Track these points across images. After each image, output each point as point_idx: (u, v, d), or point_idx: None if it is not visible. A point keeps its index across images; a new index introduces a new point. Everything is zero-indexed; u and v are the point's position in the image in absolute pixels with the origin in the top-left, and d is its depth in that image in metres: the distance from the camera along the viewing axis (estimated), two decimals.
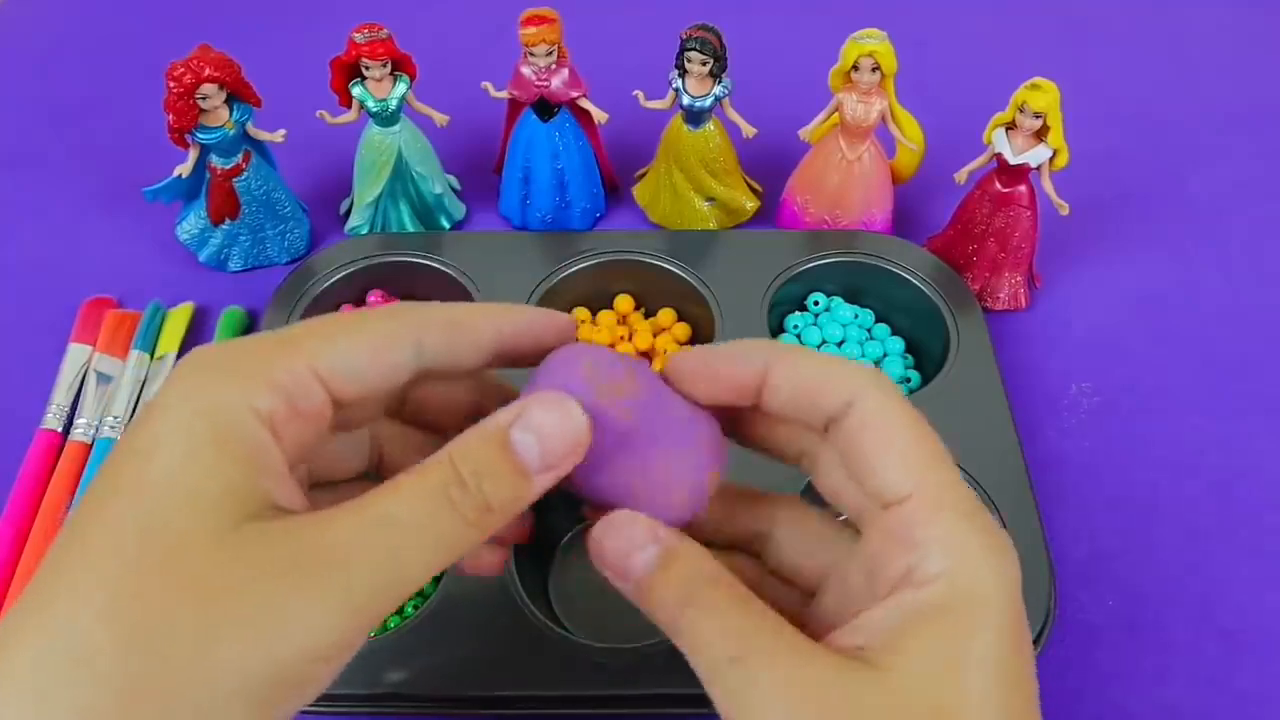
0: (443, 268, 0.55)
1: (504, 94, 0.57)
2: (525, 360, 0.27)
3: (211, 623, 0.20)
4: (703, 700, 0.24)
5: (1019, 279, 0.56)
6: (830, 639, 0.24)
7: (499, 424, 0.24)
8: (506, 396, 0.28)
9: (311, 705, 0.41)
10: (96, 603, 0.20)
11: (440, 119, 0.57)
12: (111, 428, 0.50)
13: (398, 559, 0.22)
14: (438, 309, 0.26)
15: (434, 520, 0.22)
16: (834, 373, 0.25)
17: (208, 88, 0.51)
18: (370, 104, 0.55)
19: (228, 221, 0.57)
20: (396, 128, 0.57)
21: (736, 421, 0.28)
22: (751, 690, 0.22)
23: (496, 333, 0.26)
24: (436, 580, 0.45)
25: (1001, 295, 0.57)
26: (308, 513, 0.22)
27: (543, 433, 0.24)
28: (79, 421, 0.51)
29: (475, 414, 0.25)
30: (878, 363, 0.54)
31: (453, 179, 0.63)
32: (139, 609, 0.20)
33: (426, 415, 0.29)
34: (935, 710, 0.21)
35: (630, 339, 0.55)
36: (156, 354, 0.54)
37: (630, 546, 0.24)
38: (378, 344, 0.25)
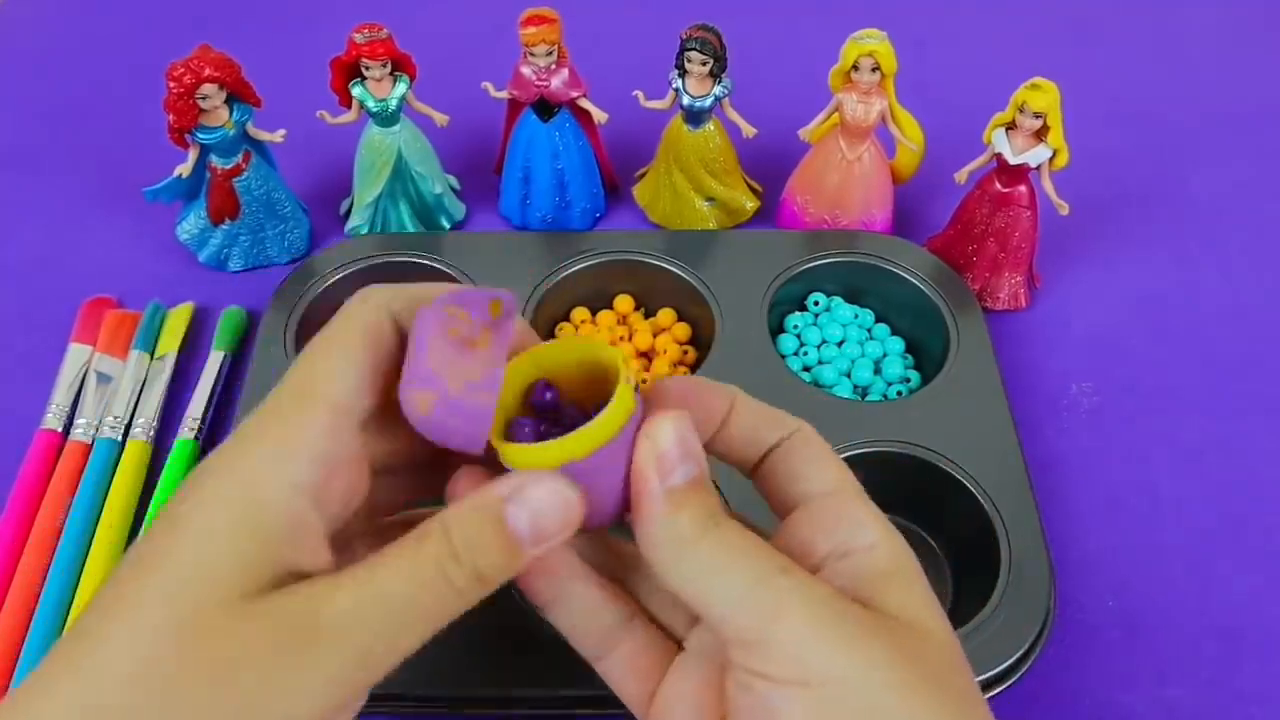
0: (443, 268, 0.55)
1: (504, 94, 0.57)
2: None
3: (216, 694, 0.21)
4: None
5: (1019, 279, 0.56)
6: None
7: (494, 498, 0.24)
8: None
9: None
10: (122, 667, 0.21)
11: (440, 119, 0.57)
12: (111, 428, 0.50)
13: (393, 632, 0.23)
14: (403, 290, 0.27)
15: (427, 593, 0.24)
16: (776, 413, 0.29)
17: (208, 88, 0.51)
18: (370, 104, 0.55)
19: (228, 221, 0.57)
20: (396, 128, 0.57)
21: None
22: (799, 598, 0.24)
23: None
24: None
25: (1001, 295, 0.57)
26: (322, 577, 0.23)
27: (537, 510, 0.24)
28: (79, 421, 0.51)
29: None
30: (877, 363, 0.54)
31: (453, 179, 0.63)
32: (156, 676, 0.21)
33: None
34: (927, 635, 0.25)
35: (630, 339, 0.55)
36: (156, 354, 0.54)
37: (679, 457, 0.25)
38: (370, 353, 0.26)
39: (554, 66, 0.55)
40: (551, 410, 0.26)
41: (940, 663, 0.24)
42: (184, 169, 0.54)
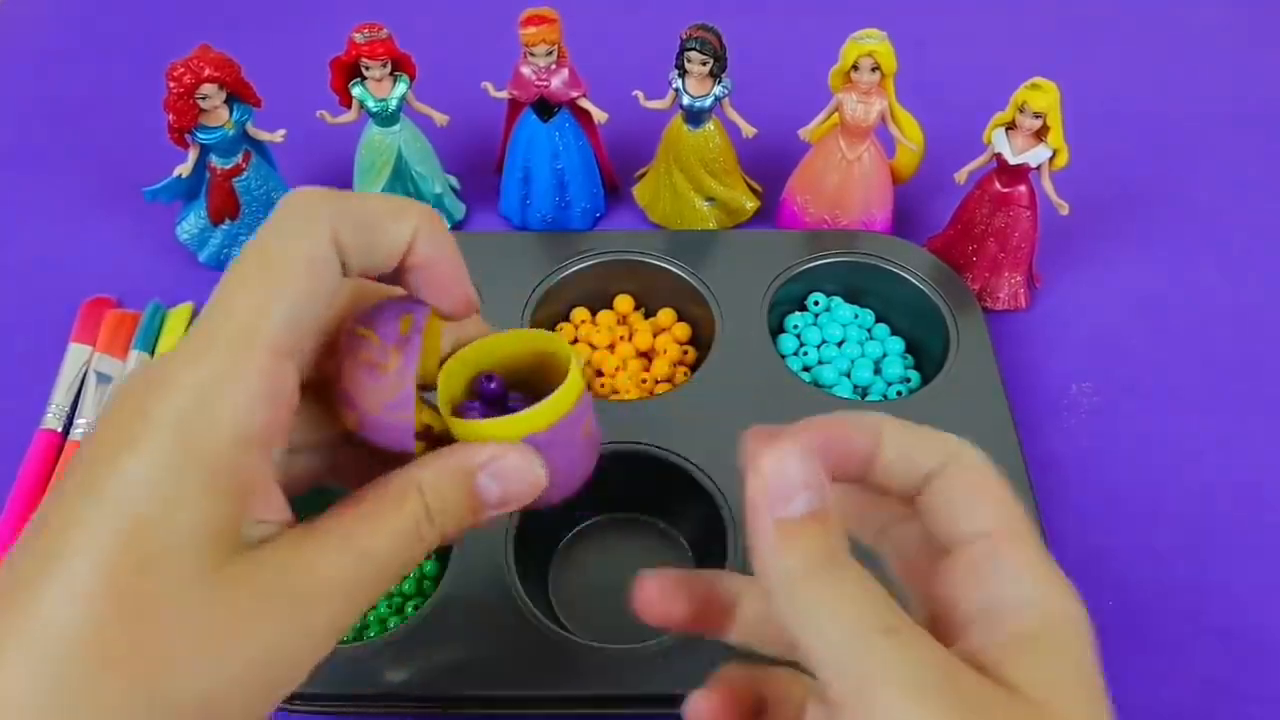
0: None
1: (504, 94, 0.57)
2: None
3: (209, 662, 0.21)
4: None
5: (1019, 279, 0.56)
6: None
7: (471, 464, 0.25)
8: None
9: (312, 705, 0.41)
10: (81, 633, 0.20)
11: (440, 119, 0.57)
12: None
13: (377, 587, 0.24)
14: (346, 216, 0.24)
15: (406, 550, 0.24)
16: (931, 436, 0.25)
17: (208, 88, 0.51)
18: (370, 104, 0.55)
19: (228, 221, 0.57)
20: (396, 127, 0.57)
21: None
22: (899, 663, 0.21)
23: (408, 239, 0.26)
24: (436, 581, 0.45)
25: (1001, 295, 0.57)
26: (297, 537, 0.23)
27: (508, 480, 0.25)
28: (79, 421, 0.51)
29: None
30: (877, 363, 0.54)
31: (453, 179, 0.63)
32: (124, 642, 0.20)
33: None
34: (1051, 717, 0.21)
35: (630, 339, 0.55)
36: (156, 354, 0.54)
37: (797, 483, 0.23)
38: (314, 276, 0.23)
39: (554, 66, 0.55)
40: (497, 398, 0.27)
41: None
42: (184, 169, 0.54)
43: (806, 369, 0.54)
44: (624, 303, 0.56)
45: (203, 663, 0.21)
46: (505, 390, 0.27)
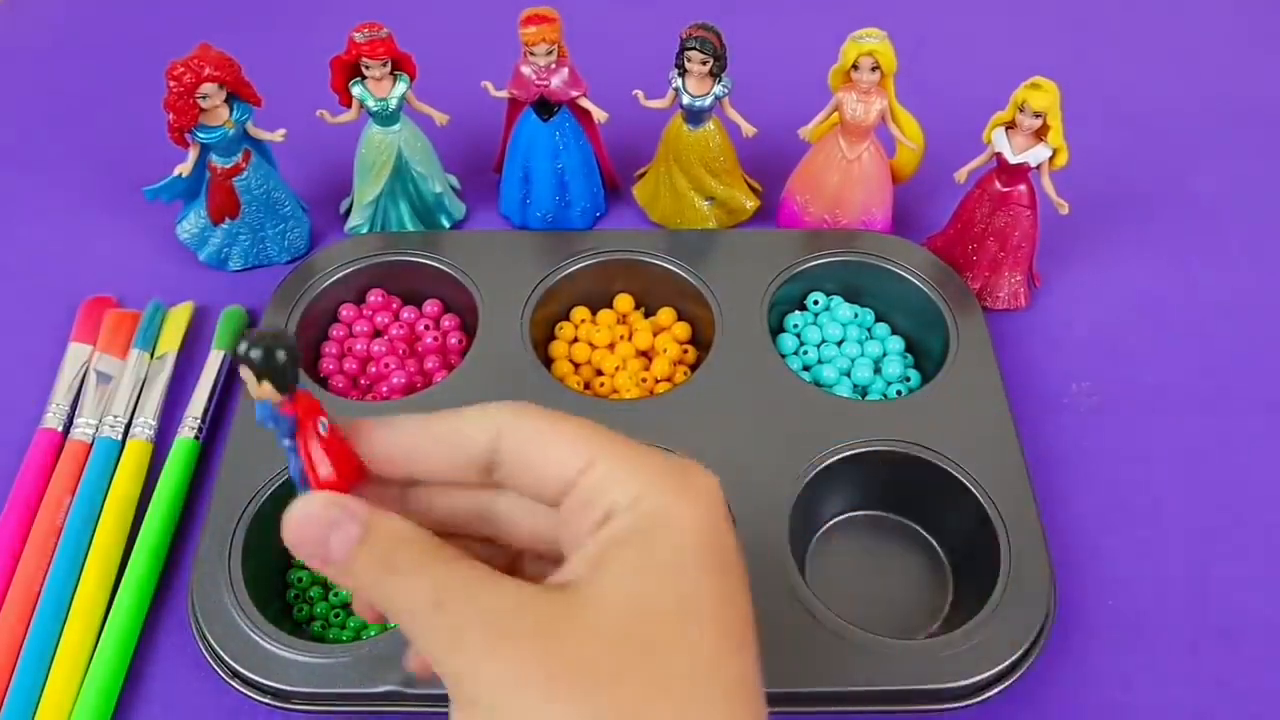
0: (443, 267, 0.55)
1: (504, 93, 0.57)
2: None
3: None
4: None
5: (1019, 278, 0.56)
6: (543, 582, 0.25)
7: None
8: None
9: (312, 705, 0.41)
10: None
11: (440, 118, 0.57)
12: (111, 427, 0.50)
13: None
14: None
15: None
16: (469, 426, 0.27)
17: (208, 87, 0.51)
18: (370, 103, 0.55)
19: (228, 221, 0.57)
20: (396, 127, 0.57)
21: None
22: (457, 632, 0.23)
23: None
24: None
25: (1001, 295, 0.57)
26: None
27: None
28: (79, 421, 0.51)
29: None
30: (877, 362, 0.54)
31: (453, 178, 0.63)
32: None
33: None
34: (629, 609, 0.23)
35: (630, 338, 0.55)
36: (156, 353, 0.54)
37: (326, 529, 0.25)
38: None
39: (554, 66, 0.55)
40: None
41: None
42: (184, 168, 0.54)
43: (806, 369, 0.54)
44: (624, 302, 0.56)
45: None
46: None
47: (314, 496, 0.25)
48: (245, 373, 0.24)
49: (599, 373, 0.54)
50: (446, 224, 0.61)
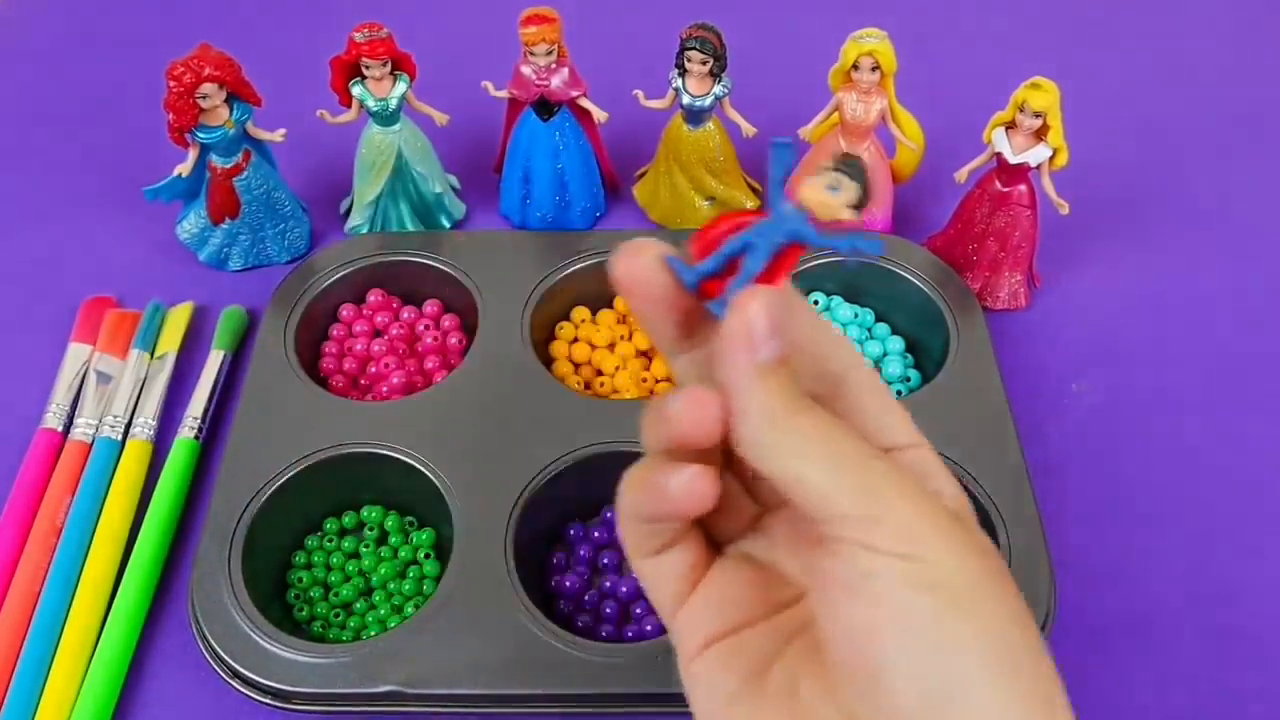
0: (443, 267, 0.55)
1: (504, 93, 0.57)
2: None
3: None
4: None
5: (1019, 278, 0.56)
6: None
7: None
8: None
9: (312, 705, 0.41)
10: None
11: (440, 118, 0.57)
12: (111, 427, 0.50)
13: None
14: None
15: None
16: (838, 340, 0.28)
17: (208, 87, 0.51)
18: (370, 103, 0.55)
19: (228, 221, 0.57)
20: (396, 127, 0.57)
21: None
22: (901, 479, 0.24)
23: None
24: (437, 580, 0.45)
25: (1001, 295, 0.57)
26: None
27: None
28: (79, 421, 0.51)
29: None
30: (877, 362, 0.54)
31: (453, 178, 0.63)
32: None
33: None
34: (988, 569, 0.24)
35: (630, 338, 0.55)
36: (156, 353, 0.54)
37: (768, 332, 0.24)
38: None
39: (554, 66, 0.55)
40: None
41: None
42: (184, 168, 0.54)
43: None
44: (624, 302, 0.56)
45: None
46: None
47: (770, 295, 0.24)
48: (835, 178, 0.25)
49: (599, 373, 0.54)
50: (446, 224, 0.61)
